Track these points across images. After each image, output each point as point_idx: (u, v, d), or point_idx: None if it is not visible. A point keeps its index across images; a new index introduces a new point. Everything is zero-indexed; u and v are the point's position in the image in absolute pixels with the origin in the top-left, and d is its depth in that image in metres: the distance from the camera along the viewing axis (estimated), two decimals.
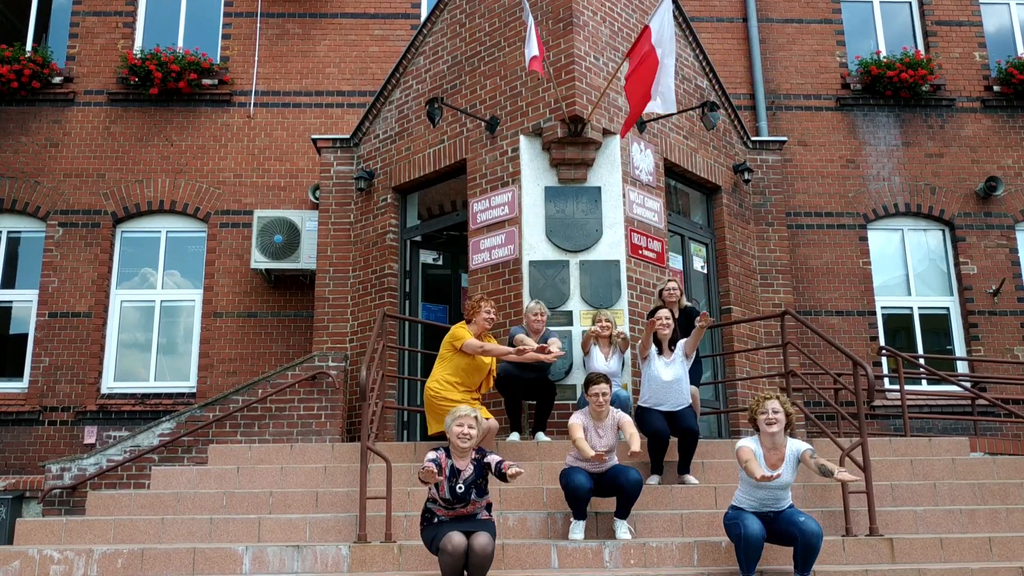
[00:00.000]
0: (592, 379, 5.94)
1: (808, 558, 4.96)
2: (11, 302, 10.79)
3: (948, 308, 11.08)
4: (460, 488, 4.94)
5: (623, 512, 5.75)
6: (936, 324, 11.09)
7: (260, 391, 7.92)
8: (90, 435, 10.04)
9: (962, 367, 10.79)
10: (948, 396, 10.27)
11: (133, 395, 10.36)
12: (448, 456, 5.05)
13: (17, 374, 10.53)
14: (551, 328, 7.37)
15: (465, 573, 4.80)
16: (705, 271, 9.32)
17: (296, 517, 5.98)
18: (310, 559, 5.49)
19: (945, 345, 11.04)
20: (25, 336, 10.64)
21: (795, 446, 5.20)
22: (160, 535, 5.96)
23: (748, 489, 5.19)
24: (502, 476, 4.95)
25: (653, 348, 6.55)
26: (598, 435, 5.83)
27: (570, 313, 7.73)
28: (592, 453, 5.48)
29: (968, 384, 10.08)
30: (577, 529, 5.72)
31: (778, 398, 5.24)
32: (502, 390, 7.01)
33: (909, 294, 11.14)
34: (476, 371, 6.67)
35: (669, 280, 7.51)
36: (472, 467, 5.02)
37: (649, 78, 6.99)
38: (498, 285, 7.98)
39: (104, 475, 7.74)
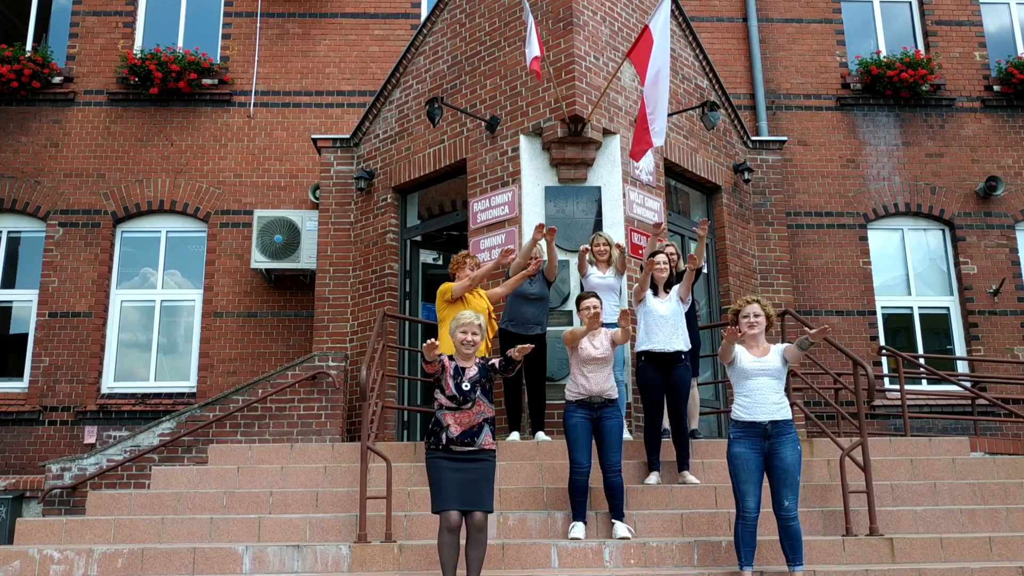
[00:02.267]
0: (582, 296, 6.19)
1: (787, 483, 5.06)
2: (11, 302, 10.79)
3: (948, 308, 11.09)
4: (466, 386, 5.02)
5: (617, 513, 5.78)
6: (936, 324, 11.09)
7: (260, 391, 7.92)
8: (90, 435, 10.04)
9: (962, 367, 10.79)
10: (948, 396, 10.27)
11: (133, 395, 10.36)
12: (452, 360, 5.15)
13: (17, 374, 10.53)
14: (551, 328, 7.37)
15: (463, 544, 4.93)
16: (705, 271, 9.32)
17: (296, 517, 5.98)
18: (310, 559, 5.49)
19: (945, 345, 11.04)
20: (25, 336, 10.64)
21: (778, 346, 5.43)
22: (160, 535, 5.96)
23: (741, 384, 5.28)
24: (510, 363, 5.10)
25: (648, 291, 6.61)
26: (593, 346, 5.92)
27: (570, 313, 7.72)
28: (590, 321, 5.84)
29: (968, 384, 10.07)
30: (577, 529, 5.72)
31: (758, 301, 5.47)
32: (502, 344, 7.00)
33: (909, 294, 11.14)
34: None
35: (667, 245, 7.47)
36: (477, 368, 5.13)
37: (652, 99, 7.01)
38: (498, 280, 7.96)
39: (104, 475, 7.74)
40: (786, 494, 5.10)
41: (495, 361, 5.19)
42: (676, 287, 6.69)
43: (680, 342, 6.47)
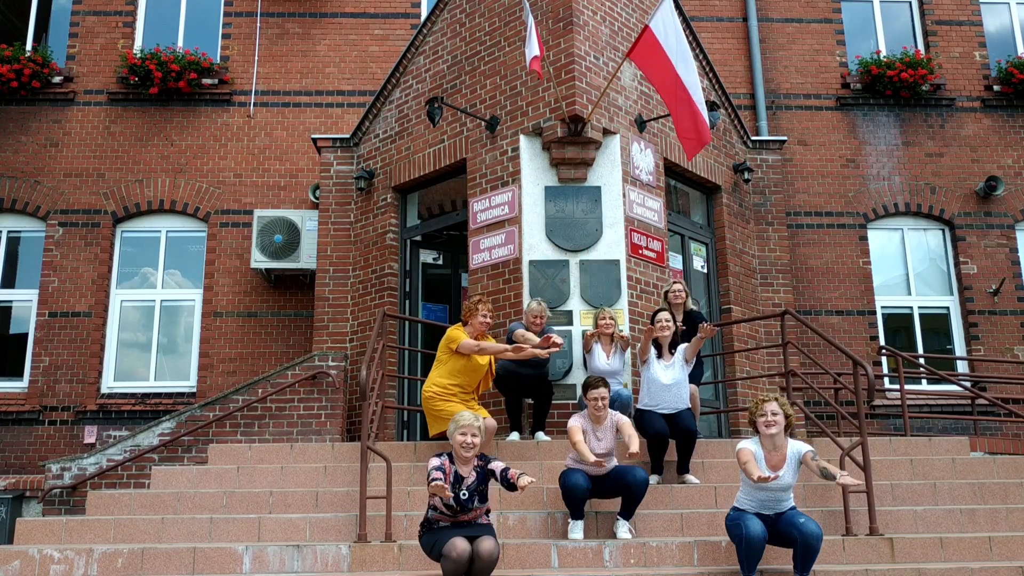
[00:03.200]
0: (591, 383, 5.95)
1: (808, 559, 4.96)
2: (11, 302, 10.79)
3: (948, 308, 11.08)
4: (464, 495, 4.90)
5: (627, 512, 5.76)
6: (936, 324, 11.09)
7: (260, 391, 7.92)
8: (90, 435, 10.04)
9: (962, 367, 10.79)
10: (948, 396, 10.27)
11: (133, 395, 10.36)
12: (451, 462, 5.02)
13: (17, 374, 10.53)
14: (552, 327, 7.36)
15: None
16: (705, 271, 9.32)
17: (296, 517, 5.98)
18: (310, 559, 5.49)
19: (945, 345, 11.04)
20: (25, 336, 10.64)
21: (796, 447, 5.19)
22: (160, 535, 5.96)
23: (749, 491, 5.19)
24: (510, 486, 4.90)
25: (652, 351, 6.56)
26: (596, 438, 5.84)
27: (570, 313, 7.72)
28: (592, 459, 5.48)
29: (968, 384, 10.07)
30: (577, 529, 5.72)
31: (777, 399, 5.23)
32: (501, 388, 7.02)
33: (909, 294, 11.14)
34: (473, 371, 6.65)
35: (675, 283, 7.52)
36: (475, 473, 5.00)
37: (687, 98, 6.99)
38: (498, 285, 7.98)
39: (104, 475, 7.74)
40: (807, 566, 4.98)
41: (495, 468, 5.00)
42: (681, 348, 6.62)
43: (682, 403, 6.48)
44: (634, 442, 5.59)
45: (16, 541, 5.99)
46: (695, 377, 7.12)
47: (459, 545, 4.65)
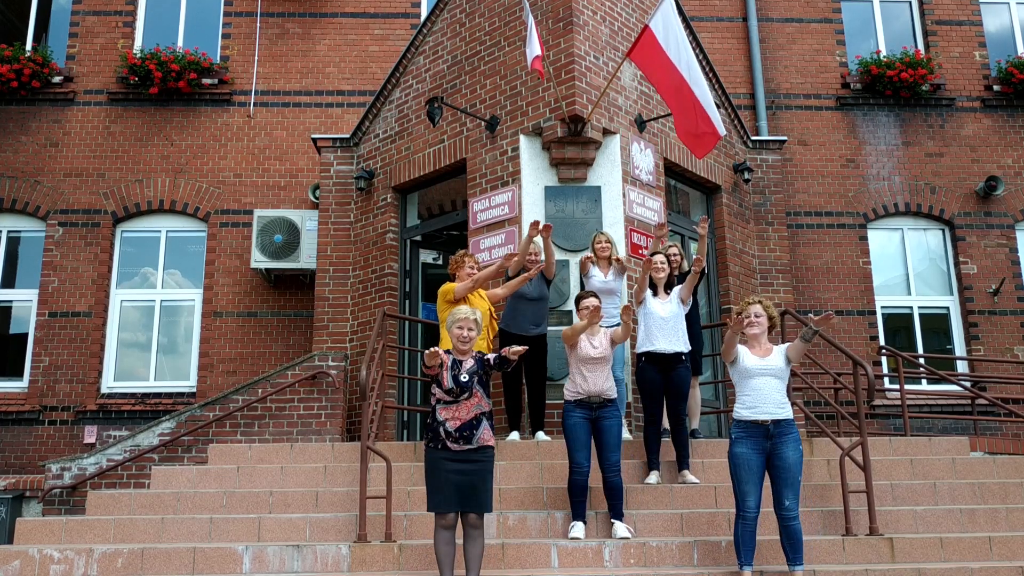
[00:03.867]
0: (581, 295, 6.25)
1: (788, 483, 5.06)
2: (11, 302, 10.79)
3: (948, 308, 11.08)
4: (464, 377, 5.03)
5: (615, 511, 5.78)
6: (936, 324, 11.09)
7: (260, 391, 7.92)
8: (90, 435, 10.04)
9: (962, 367, 10.79)
10: (948, 396, 10.27)
11: (133, 395, 10.36)
12: (449, 356, 5.17)
13: (17, 374, 10.53)
14: (552, 327, 7.37)
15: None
16: (706, 271, 9.31)
17: (296, 517, 5.98)
18: (310, 559, 5.49)
19: (945, 345, 11.04)
20: (25, 336, 10.64)
21: (781, 346, 5.44)
22: (160, 535, 5.96)
23: (743, 384, 5.28)
24: (504, 361, 5.10)
25: (648, 292, 6.60)
26: (592, 345, 5.91)
27: (570, 312, 7.72)
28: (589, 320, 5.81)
29: (968, 384, 10.07)
30: (577, 528, 5.72)
31: (760, 302, 5.48)
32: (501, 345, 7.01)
33: (909, 294, 11.14)
34: None
35: (671, 245, 7.47)
36: (473, 360, 5.16)
37: (690, 97, 6.97)
38: (500, 281, 7.96)
39: (104, 475, 7.74)
40: (787, 494, 5.10)
41: (491, 356, 5.21)
42: (677, 288, 6.68)
43: (680, 343, 6.47)
44: (626, 330, 5.91)
45: (16, 541, 5.99)
46: (696, 365, 7.09)
47: (448, 516, 4.88)
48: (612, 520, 5.77)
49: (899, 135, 11.42)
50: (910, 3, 12.16)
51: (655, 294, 6.62)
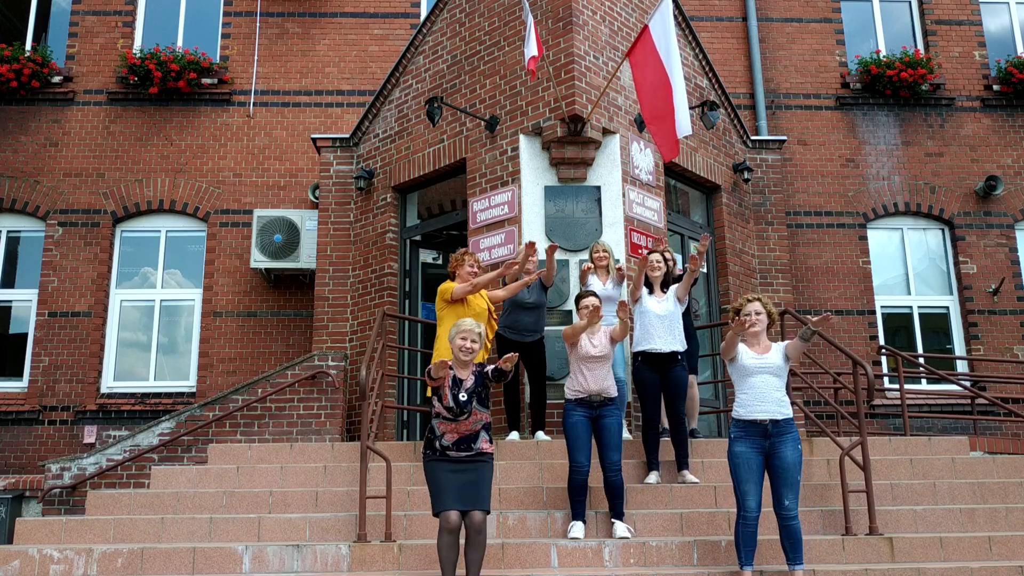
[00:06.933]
0: (581, 295, 6.29)
1: (787, 482, 5.06)
2: (11, 302, 10.79)
3: (948, 307, 11.09)
4: (463, 397, 5.03)
5: (616, 511, 5.78)
6: (936, 323, 11.09)
7: (260, 390, 7.92)
8: (90, 435, 10.04)
9: (962, 366, 10.79)
10: (948, 395, 10.27)
11: (133, 394, 10.36)
12: (450, 368, 5.16)
13: (17, 374, 10.53)
14: (552, 328, 7.37)
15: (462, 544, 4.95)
16: (705, 270, 9.32)
17: (296, 516, 5.98)
18: (310, 558, 5.49)
19: (945, 344, 11.04)
20: (25, 336, 10.64)
21: (780, 344, 5.43)
22: (160, 534, 5.96)
23: (742, 382, 5.27)
24: (500, 373, 5.10)
25: (644, 290, 6.61)
26: (592, 344, 5.91)
27: (570, 312, 7.72)
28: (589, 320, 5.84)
29: (968, 383, 10.07)
30: (577, 528, 5.72)
31: (759, 299, 5.46)
32: (499, 350, 7.03)
33: (909, 293, 11.14)
34: (477, 317, 6.67)
35: (664, 249, 7.48)
36: (473, 377, 5.14)
37: (666, 96, 6.96)
38: (498, 285, 7.96)
39: (104, 475, 7.74)
40: (786, 493, 5.10)
41: (489, 369, 5.18)
42: (674, 287, 6.69)
43: (676, 342, 6.47)
44: (625, 327, 5.90)
45: (16, 541, 5.99)
46: (691, 364, 7.10)
47: (451, 518, 4.86)
48: (612, 520, 5.77)
49: (899, 135, 11.42)
50: (910, 3, 12.16)
51: (651, 292, 6.63)
